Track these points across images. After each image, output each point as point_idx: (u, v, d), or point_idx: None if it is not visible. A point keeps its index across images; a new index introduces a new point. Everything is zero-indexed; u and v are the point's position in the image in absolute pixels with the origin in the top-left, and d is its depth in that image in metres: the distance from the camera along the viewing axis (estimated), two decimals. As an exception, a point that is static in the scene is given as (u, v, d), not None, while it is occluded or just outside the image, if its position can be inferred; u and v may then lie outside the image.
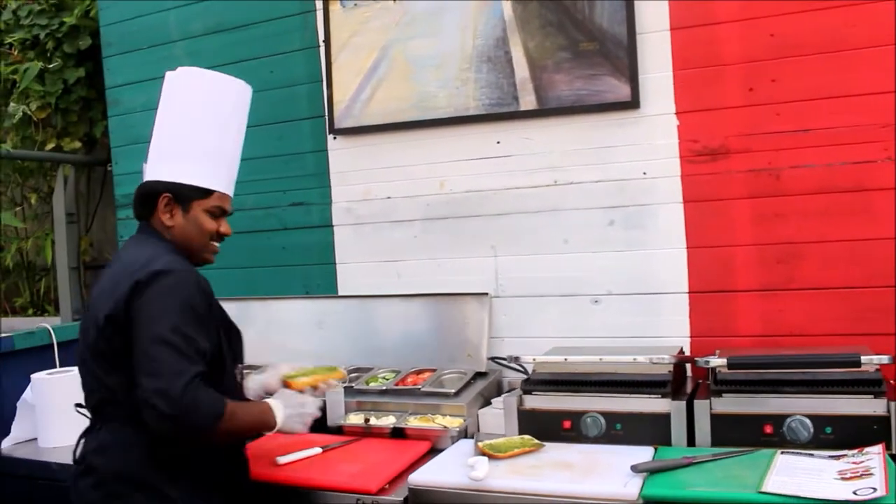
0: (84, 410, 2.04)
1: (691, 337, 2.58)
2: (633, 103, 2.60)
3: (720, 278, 2.55)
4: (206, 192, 2.07)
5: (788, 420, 2.04)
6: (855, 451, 1.92)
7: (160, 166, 2.07)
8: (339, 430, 2.45)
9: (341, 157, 3.05)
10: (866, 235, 2.39)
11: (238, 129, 2.18)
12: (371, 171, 2.98)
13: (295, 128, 3.15)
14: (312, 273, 3.07)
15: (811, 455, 1.94)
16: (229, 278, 3.04)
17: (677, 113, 2.58)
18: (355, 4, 2.95)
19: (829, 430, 2.01)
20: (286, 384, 2.21)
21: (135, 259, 1.94)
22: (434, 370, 2.71)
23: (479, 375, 2.69)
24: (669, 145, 2.59)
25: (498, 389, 2.69)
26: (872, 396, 1.99)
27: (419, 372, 2.71)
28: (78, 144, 3.93)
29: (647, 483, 1.86)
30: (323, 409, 2.21)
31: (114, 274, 1.96)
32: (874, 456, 1.85)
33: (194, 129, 2.07)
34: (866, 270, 2.40)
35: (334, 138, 3.04)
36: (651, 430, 2.16)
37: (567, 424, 2.24)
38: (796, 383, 2.09)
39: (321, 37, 3.05)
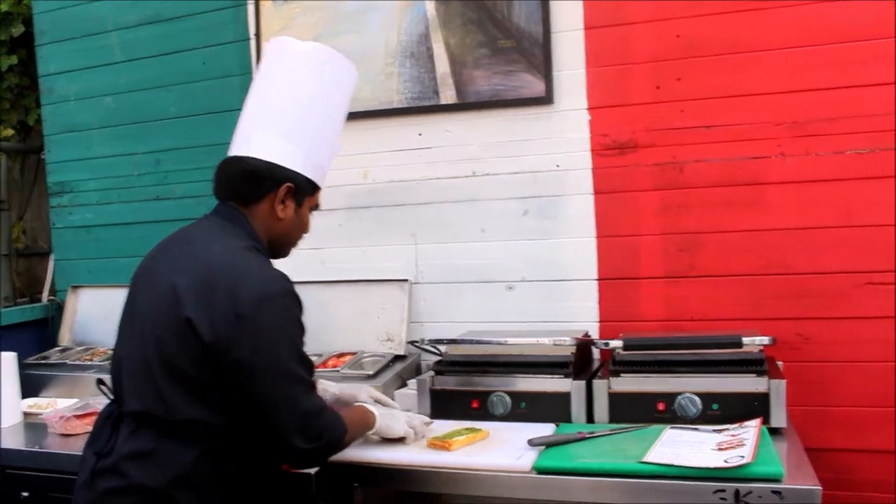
0: (106, 389, 1.91)
1: (599, 321, 2.70)
2: (547, 99, 2.72)
3: (627, 266, 2.67)
4: (316, 188, 1.95)
5: (679, 397, 2.16)
6: (736, 425, 2.05)
7: (285, 146, 1.84)
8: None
9: (271, 148, 3.11)
10: (761, 226, 2.54)
11: (342, 120, 2.04)
12: (298, 161, 3.05)
13: (227, 118, 3.14)
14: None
15: (697, 429, 2.06)
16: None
17: (589, 108, 2.69)
18: (285, 0, 3.03)
19: (715, 406, 2.13)
20: (440, 446, 2.05)
21: (225, 264, 1.71)
22: (355, 353, 2.80)
23: (399, 358, 2.78)
24: (581, 139, 2.70)
25: (416, 371, 2.78)
26: (755, 375, 2.12)
27: (340, 355, 2.80)
28: (11, 132, 3.93)
29: (541, 456, 1.96)
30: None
31: (200, 274, 1.71)
32: (750, 429, 1.98)
33: (324, 116, 1.93)
34: (761, 259, 2.54)
35: (264, 129, 3.11)
36: (553, 409, 2.26)
37: (475, 404, 2.34)
38: (687, 363, 2.20)
39: (252, 30, 3.12)
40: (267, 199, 1.84)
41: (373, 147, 2.94)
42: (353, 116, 2.90)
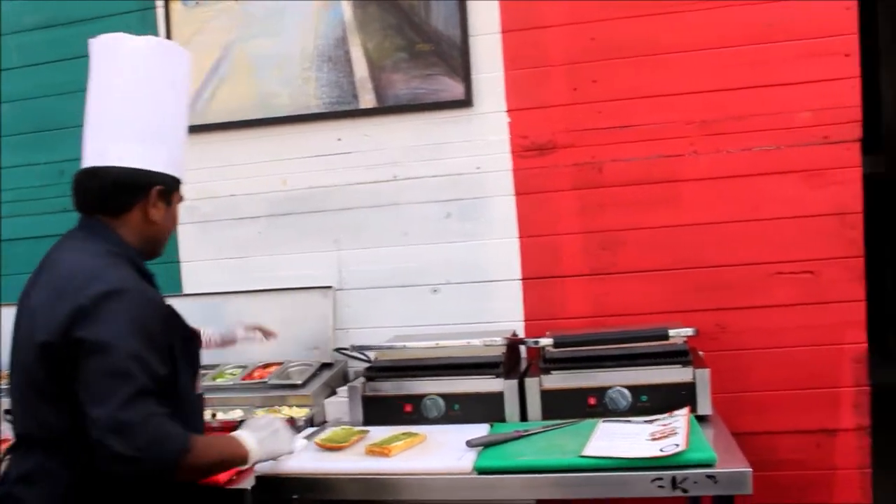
0: (11, 419, 1.80)
1: (525, 320, 2.74)
2: (466, 102, 2.74)
3: (550, 265, 2.73)
4: (178, 183, 1.86)
5: (609, 391, 2.21)
6: (665, 414, 2.12)
7: (149, 152, 1.76)
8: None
9: (184, 155, 3.03)
10: (678, 222, 2.64)
11: (187, 105, 1.95)
12: (215, 169, 2.98)
13: None
14: (156, 272, 3.01)
15: (629, 421, 2.11)
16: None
17: (508, 111, 2.74)
18: (196, 3, 2.95)
19: (644, 398, 2.20)
20: (379, 452, 2.02)
21: (76, 270, 1.66)
22: (281, 363, 2.75)
23: (325, 366, 2.75)
24: (501, 141, 2.74)
25: (343, 379, 2.76)
26: (680, 366, 2.19)
27: (266, 366, 2.74)
28: None
29: (480, 456, 1.97)
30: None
31: (52, 286, 1.67)
32: (680, 418, 2.05)
33: (174, 111, 1.84)
34: (679, 253, 2.64)
35: (176, 136, 3.02)
36: (487, 409, 2.28)
37: (408, 408, 2.33)
38: (615, 358, 2.26)
39: (162, 34, 3.02)
40: (138, 207, 1.77)
41: (291, 153, 2.90)
42: (271, 122, 2.90)
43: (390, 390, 2.36)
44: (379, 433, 2.16)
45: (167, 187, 1.80)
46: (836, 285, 2.55)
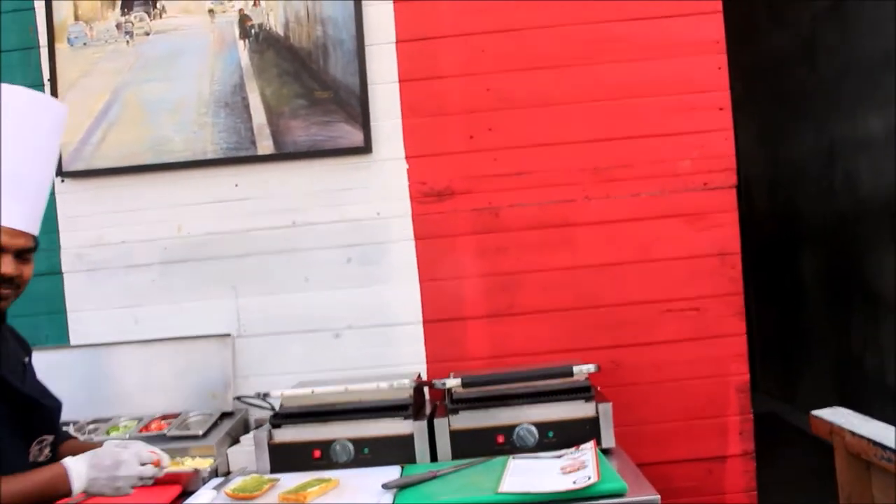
0: None
1: (427, 363, 2.78)
2: (365, 148, 2.78)
3: (451, 308, 2.78)
4: None
5: (517, 429, 2.27)
6: (573, 448, 2.19)
7: None
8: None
9: (70, 201, 2.90)
10: (572, 264, 2.75)
11: (39, 151, 1.82)
12: (104, 215, 2.88)
13: None
14: (41, 323, 2.87)
15: (538, 457, 2.17)
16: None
17: (407, 157, 2.79)
18: (84, 44, 2.87)
19: (551, 434, 2.26)
20: (294, 499, 1.98)
21: None
22: (178, 414, 2.67)
23: (226, 415, 2.68)
24: (400, 187, 2.79)
25: (245, 427, 2.70)
26: (584, 401, 2.28)
27: (164, 417, 2.65)
28: None
29: (397, 498, 1.98)
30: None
31: None
32: (587, 451, 2.13)
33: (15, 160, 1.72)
34: (575, 294, 2.75)
35: (62, 181, 2.90)
36: (397, 451, 2.28)
37: (317, 453, 2.30)
38: (521, 396, 2.32)
39: (46, 76, 2.92)
40: None
41: (187, 199, 2.85)
42: (165, 168, 2.84)
43: (298, 436, 2.33)
44: (290, 481, 2.13)
45: None
46: (720, 321, 2.72)
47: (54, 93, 2.88)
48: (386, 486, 2.03)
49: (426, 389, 2.68)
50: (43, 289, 2.88)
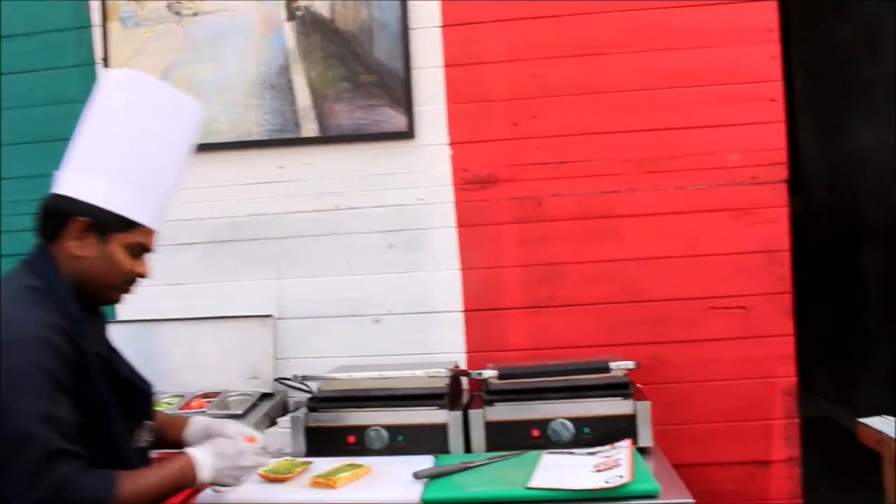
0: None
1: (467, 352, 2.76)
2: (409, 133, 2.76)
3: (491, 297, 2.75)
4: (130, 225, 1.71)
5: (552, 423, 2.24)
6: (608, 446, 2.15)
7: (79, 180, 1.69)
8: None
9: (120, 180, 2.96)
10: (615, 256, 2.70)
11: (181, 155, 1.82)
12: (152, 194, 2.92)
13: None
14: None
15: (572, 453, 2.14)
16: None
17: (450, 143, 2.76)
18: (136, 24, 2.90)
19: (586, 430, 2.22)
20: (324, 484, 1.97)
21: None
22: (219, 393, 2.70)
23: (265, 396, 2.71)
24: (443, 173, 2.77)
25: (284, 409, 2.72)
26: (622, 398, 2.24)
27: (205, 395, 2.68)
28: None
29: (427, 488, 1.97)
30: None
31: None
32: (623, 449, 2.08)
33: (130, 145, 1.71)
34: (617, 287, 2.70)
35: (111, 160, 2.95)
36: (431, 440, 2.27)
37: (352, 439, 2.31)
38: (558, 390, 2.28)
39: (99, 55, 2.96)
40: (66, 236, 1.68)
41: (232, 180, 2.86)
42: (211, 148, 2.85)
43: (333, 421, 2.33)
44: (323, 465, 2.13)
45: (98, 222, 1.68)
46: (767, 320, 2.64)
47: (106, 72, 2.92)
48: (417, 476, 2.02)
49: (465, 379, 2.66)
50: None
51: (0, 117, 3.04)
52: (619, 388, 2.27)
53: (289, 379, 2.67)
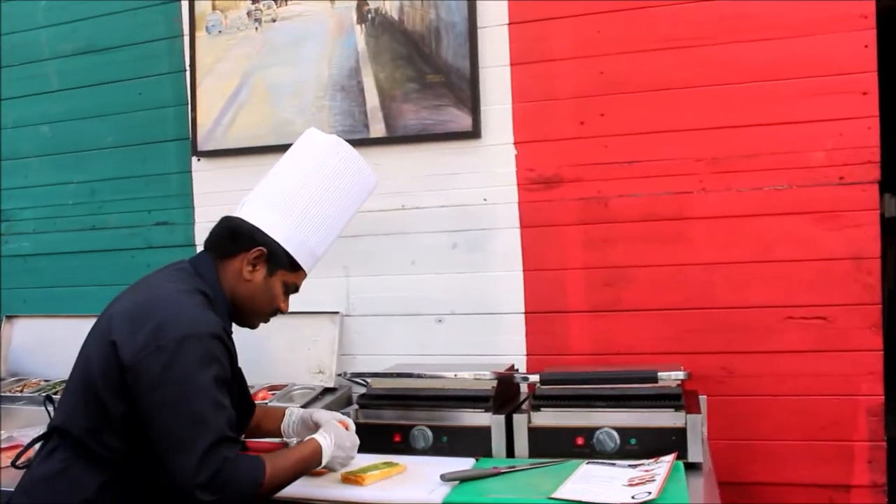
0: (51, 408, 1.94)
1: (527, 355, 2.71)
2: (474, 133, 2.74)
3: (554, 300, 2.68)
4: (296, 266, 1.95)
5: (598, 432, 2.15)
6: (651, 460, 2.05)
7: (266, 214, 1.91)
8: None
9: (204, 179, 3.11)
10: (684, 261, 2.56)
11: (348, 216, 2.07)
12: (232, 193, 2.96)
13: (161, 149, 3.21)
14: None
15: (613, 464, 2.06)
16: (93, 296, 3.03)
17: (515, 143, 2.72)
18: (220, 32, 3.03)
19: (633, 441, 2.13)
20: (353, 480, 2.03)
21: (165, 299, 1.75)
22: (286, 385, 2.77)
23: (328, 391, 2.77)
24: (508, 173, 2.72)
25: (347, 404, 2.76)
26: (673, 410, 2.12)
27: (271, 388, 2.77)
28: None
29: (453, 491, 1.94)
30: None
31: (137, 304, 1.76)
32: (664, 464, 1.98)
33: (325, 203, 1.96)
34: (684, 293, 2.56)
35: (198, 160, 3.11)
36: (474, 443, 2.25)
37: (398, 437, 2.32)
38: (606, 398, 2.20)
39: (188, 62, 3.12)
40: (239, 258, 1.88)
41: (304, 180, 2.93)
42: (285, 149, 2.91)
43: (381, 418, 2.36)
44: (362, 460, 2.15)
45: (273, 256, 1.89)
46: (851, 333, 2.43)
47: (193, 78, 3.09)
48: (444, 478, 2.00)
49: (524, 383, 2.61)
50: (179, 259, 3.08)
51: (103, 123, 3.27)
52: (669, 399, 2.16)
53: (351, 375, 2.70)
